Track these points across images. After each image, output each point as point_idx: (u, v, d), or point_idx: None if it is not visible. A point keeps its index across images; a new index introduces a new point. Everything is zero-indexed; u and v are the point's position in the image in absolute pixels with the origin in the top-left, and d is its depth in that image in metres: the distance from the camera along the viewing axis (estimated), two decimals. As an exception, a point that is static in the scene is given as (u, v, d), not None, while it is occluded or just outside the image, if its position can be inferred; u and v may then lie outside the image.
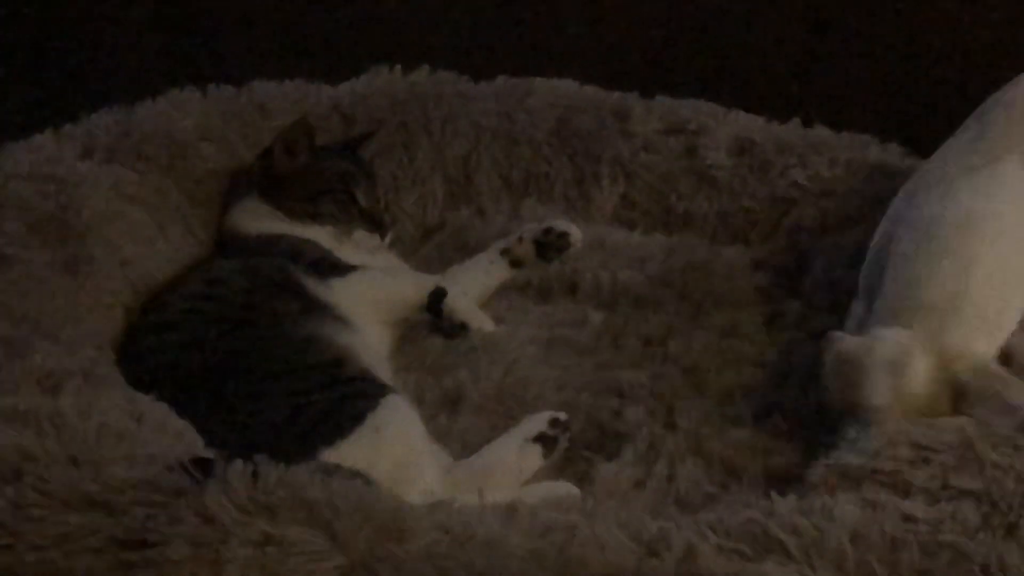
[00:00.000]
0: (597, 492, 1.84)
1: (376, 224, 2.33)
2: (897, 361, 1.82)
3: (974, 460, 1.59)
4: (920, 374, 1.80)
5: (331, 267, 2.19)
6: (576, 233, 2.42)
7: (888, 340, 1.84)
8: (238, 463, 1.51)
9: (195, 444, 1.72)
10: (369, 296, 2.18)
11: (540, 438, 1.94)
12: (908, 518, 1.51)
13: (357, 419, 1.81)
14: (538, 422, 1.96)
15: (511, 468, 1.91)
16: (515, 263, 2.39)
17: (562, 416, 1.97)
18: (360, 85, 2.66)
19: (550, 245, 2.40)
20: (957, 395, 1.78)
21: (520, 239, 2.40)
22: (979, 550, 1.47)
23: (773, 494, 1.58)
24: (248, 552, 1.44)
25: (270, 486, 1.48)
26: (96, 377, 1.78)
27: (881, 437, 1.69)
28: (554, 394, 2.06)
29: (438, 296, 2.22)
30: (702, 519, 1.50)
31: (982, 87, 2.16)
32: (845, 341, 1.88)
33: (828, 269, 2.28)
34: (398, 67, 2.68)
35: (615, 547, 1.44)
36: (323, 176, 2.32)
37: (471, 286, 2.34)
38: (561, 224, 2.43)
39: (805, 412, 1.96)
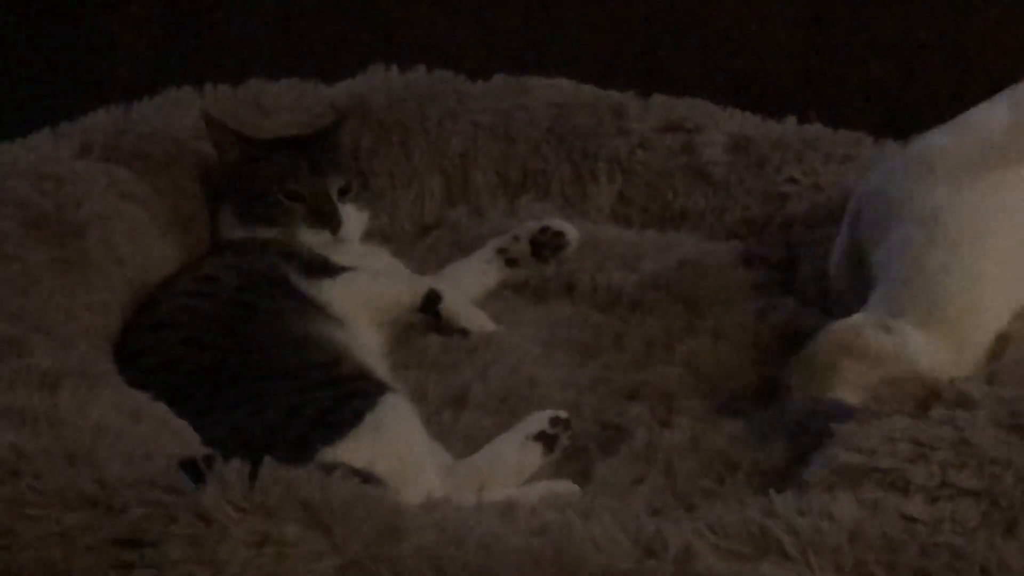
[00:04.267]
0: (596, 489, 1.83)
1: (323, 220, 2.22)
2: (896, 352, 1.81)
3: (973, 456, 1.57)
4: (919, 369, 1.79)
5: (321, 268, 2.16)
6: (572, 232, 2.40)
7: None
8: (235, 462, 1.50)
9: (193, 443, 1.72)
10: (360, 298, 2.15)
11: (541, 436, 1.94)
12: (907, 518, 1.49)
13: (356, 418, 1.79)
14: (539, 421, 1.95)
15: (511, 466, 1.91)
16: (511, 262, 2.38)
17: (563, 414, 1.96)
18: (357, 84, 2.66)
19: (546, 244, 2.39)
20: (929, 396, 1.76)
21: (516, 238, 2.40)
22: (978, 550, 1.46)
23: (771, 492, 1.57)
24: (245, 551, 1.44)
25: (267, 485, 1.47)
26: (93, 375, 1.77)
27: (878, 433, 1.66)
28: (560, 394, 2.05)
29: (432, 300, 2.21)
30: (700, 518, 1.50)
31: (979, 85, 2.16)
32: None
33: (815, 261, 2.27)
34: (395, 66, 2.69)
35: (612, 547, 1.44)
36: (254, 179, 2.24)
37: (467, 286, 2.33)
38: (557, 223, 2.41)
39: (800, 407, 1.95)
